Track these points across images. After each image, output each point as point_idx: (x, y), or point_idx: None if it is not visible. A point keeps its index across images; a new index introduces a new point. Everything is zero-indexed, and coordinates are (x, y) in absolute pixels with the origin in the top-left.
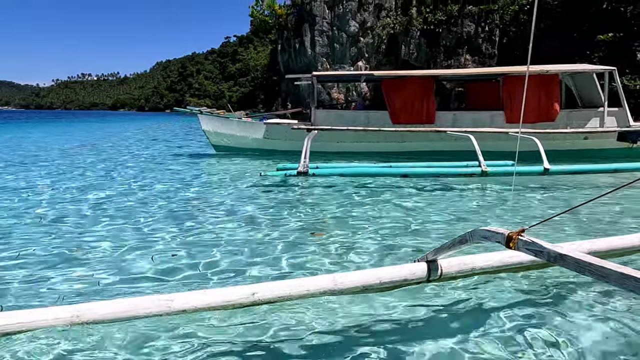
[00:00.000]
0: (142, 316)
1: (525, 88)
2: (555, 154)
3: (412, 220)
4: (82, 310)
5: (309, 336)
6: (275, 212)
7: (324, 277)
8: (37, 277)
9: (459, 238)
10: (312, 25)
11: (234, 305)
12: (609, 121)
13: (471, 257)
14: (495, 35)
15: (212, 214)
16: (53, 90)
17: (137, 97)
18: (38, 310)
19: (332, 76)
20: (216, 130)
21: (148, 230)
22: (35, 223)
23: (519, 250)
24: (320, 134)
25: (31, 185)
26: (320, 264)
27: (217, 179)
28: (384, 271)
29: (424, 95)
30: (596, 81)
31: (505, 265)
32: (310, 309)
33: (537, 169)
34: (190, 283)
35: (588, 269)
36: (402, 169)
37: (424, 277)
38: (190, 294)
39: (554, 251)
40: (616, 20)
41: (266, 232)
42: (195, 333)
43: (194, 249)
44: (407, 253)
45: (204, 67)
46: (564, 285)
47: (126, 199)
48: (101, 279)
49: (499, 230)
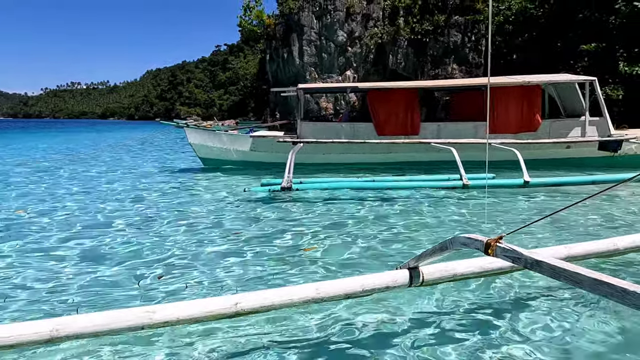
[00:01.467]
0: (124, 329)
1: (487, 100)
2: (538, 163)
3: (398, 230)
4: (62, 323)
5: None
6: (260, 228)
7: (306, 286)
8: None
9: (440, 245)
10: (300, 35)
11: (217, 315)
12: (590, 130)
13: (452, 263)
14: (481, 45)
15: (194, 231)
16: (42, 99)
17: (127, 105)
18: (17, 324)
19: (318, 88)
20: (203, 143)
21: (129, 251)
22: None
23: (497, 257)
24: (306, 146)
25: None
26: (309, 278)
27: (202, 195)
28: (367, 278)
29: (409, 107)
30: (578, 91)
31: (485, 270)
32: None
33: (517, 182)
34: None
35: (563, 275)
36: (384, 183)
37: (405, 283)
38: (171, 305)
39: (530, 258)
40: (599, 30)
41: (250, 248)
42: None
43: (174, 265)
44: (395, 260)
45: (195, 75)
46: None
47: (100, 215)
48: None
49: (478, 238)
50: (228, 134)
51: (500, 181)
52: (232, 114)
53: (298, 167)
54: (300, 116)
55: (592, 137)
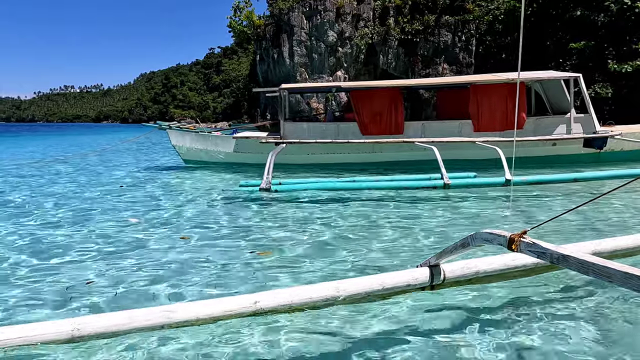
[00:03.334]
0: (144, 328)
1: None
2: (524, 161)
3: (383, 231)
4: (83, 322)
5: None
6: (231, 231)
7: (327, 285)
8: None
9: (461, 242)
10: (290, 36)
11: (237, 314)
12: (576, 128)
13: (474, 260)
14: (471, 44)
15: (164, 232)
16: (35, 103)
17: (121, 108)
18: (39, 324)
19: (302, 88)
20: (186, 145)
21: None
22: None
23: (522, 252)
24: (290, 146)
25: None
26: (251, 286)
27: (180, 196)
28: (387, 277)
29: (392, 106)
30: (564, 88)
31: (509, 268)
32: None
33: (498, 181)
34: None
35: (592, 269)
36: (365, 183)
37: (426, 282)
38: (192, 304)
39: (556, 252)
40: (588, 29)
41: (212, 248)
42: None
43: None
44: (374, 266)
45: (188, 78)
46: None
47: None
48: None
49: (501, 233)
50: (211, 135)
51: (482, 180)
52: (226, 116)
53: (282, 168)
54: (283, 116)
55: (578, 134)
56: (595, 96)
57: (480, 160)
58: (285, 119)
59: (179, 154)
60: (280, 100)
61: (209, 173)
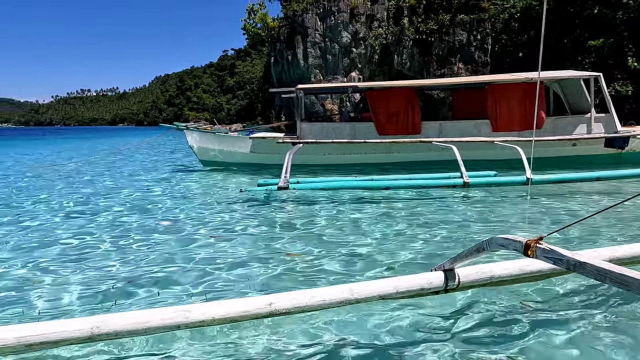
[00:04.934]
0: (160, 327)
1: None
2: (543, 161)
3: (398, 232)
4: (102, 321)
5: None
6: (255, 230)
7: (340, 287)
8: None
9: (476, 246)
10: (304, 37)
11: (252, 315)
12: (596, 127)
13: (489, 265)
14: (487, 43)
15: (189, 232)
16: (52, 107)
17: (136, 111)
18: (59, 321)
19: (318, 88)
20: (203, 145)
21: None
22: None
23: (538, 258)
24: (306, 147)
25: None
26: (297, 283)
27: (200, 196)
28: (401, 280)
29: (409, 106)
30: (584, 87)
31: (524, 273)
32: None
33: (519, 179)
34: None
35: (609, 277)
36: (383, 182)
37: (441, 286)
38: (207, 304)
39: (573, 259)
40: (607, 26)
41: (246, 250)
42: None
43: (161, 267)
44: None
45: (202, 80)
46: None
47: (104, 216)
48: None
49: (517, 238)
50: (228, 135)
51: (502, 179)
52: (240, 117)
53: (299, 168)
54: (300, 117)
55: (598, 134)
56: (615, 94)
57: (498, 160)
58: (301, 119)
59: (196, 155)
60: (297, 101)
61: (226, 173)
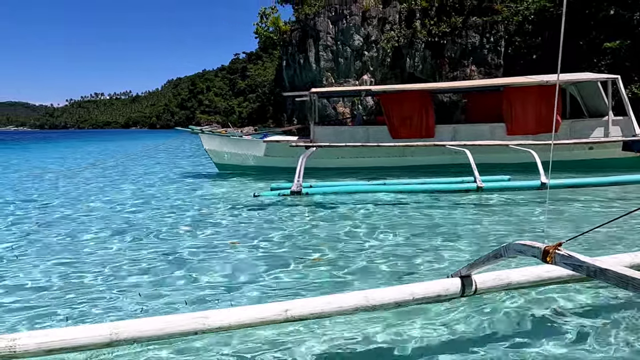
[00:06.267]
0: (178, 333)
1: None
2: (559, 165)
3: (418, 236)
4: (121, 327)
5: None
6: (270, 234)
7: (356, 294)
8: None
9: (494, 252)
10: (316, 41)
11: (268, 322)
12: (614, 130)
13: (507, 271)
14: (500, 45)
15: (205, 236)
16: (67, 110)
17: (149, 114)
18: (79, 327)
19: (331, 92)
20: (218, 149)
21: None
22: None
23: (557, 264)
24: (320, 150)
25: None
26: (326, 287)
27: (213, 200)
28: (417, 287)
29: (423, 109)
30: (601, 90)
31: (542, 279)
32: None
33: (534, 184)
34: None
35: (632, 284)
36: (396, 186)
37: (457, 292)
38: (224, 311)
39: (593, 265)
40: (623, 27)
41: (260, 254)
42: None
43: (182, 272)
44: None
45: (214, 83)
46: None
47: (119, 221)
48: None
49: (535, 244)
50: (243, 139)
51: (517, 183)
52: (251, 120)
53: (312, 171)
54: (313, 120)
55: (616, 137)
56: (632, 97)
57: (513, 164)
58: (315, 122)
59: (211, 158)
60: (311, 105)
61: (240, 177)
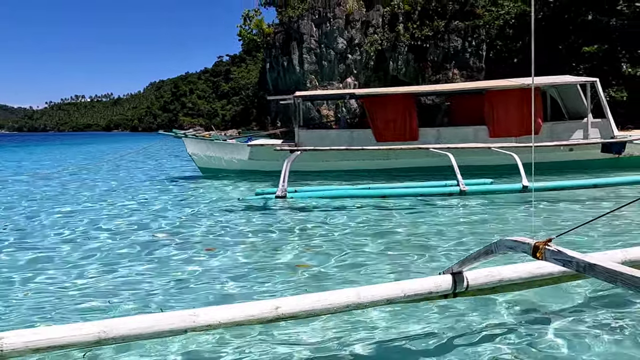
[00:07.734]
0: (167, 332)
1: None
2: (540, 167)
3: (396, 240)
4: (109, 325)
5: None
6: (253, 239)
7: (347, 291)
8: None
9: (484, 249)
10: (300, 43)
11: (258, 320)
12: (593, 132)
13: (498, 268)
14: (482, 49)
15: (187, 244)
16: (46, 113)
17: (131, 117)
18: (67, 325)
19: (315, 95)
20: (201, 153)
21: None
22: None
23: (547, 260)
24: (305, 153)
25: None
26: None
27: (198, 205)
28: (409, 284)
29: (406, 112)
30: (581, 92)
31: (534, 276)
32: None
33: (515, 187)
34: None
35: (620, 279)
36: (381, 190)
37: (449, 289)
38: (214, 308)
39: (583, 261)
40: (601, 32)
41: (246, 261)
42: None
43: (162, 280)
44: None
45: (197, 86)
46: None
47: (101, 228)
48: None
49: (525, 240)
50: (227, 143)
51: (498, 186)
52: (235, 123)
53: (297, 174)
54: (297, 124)
55: (595, 139)
56: (610, 100)
57: (496, 165)
58: (299, 126)
59: (194, 162)
60: (295, 108)
61: (224, 181)
